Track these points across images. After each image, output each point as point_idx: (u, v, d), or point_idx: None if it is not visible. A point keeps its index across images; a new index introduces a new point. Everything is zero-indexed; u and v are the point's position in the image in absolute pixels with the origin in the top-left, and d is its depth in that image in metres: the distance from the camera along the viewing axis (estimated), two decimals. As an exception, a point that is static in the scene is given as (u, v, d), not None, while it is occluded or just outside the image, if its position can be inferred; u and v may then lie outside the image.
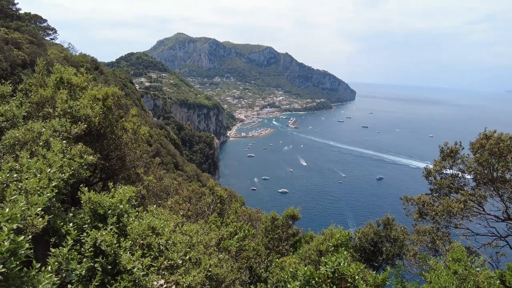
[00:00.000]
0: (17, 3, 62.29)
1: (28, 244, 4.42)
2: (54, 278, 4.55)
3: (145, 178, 15.04)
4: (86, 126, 10.23)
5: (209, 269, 7.79)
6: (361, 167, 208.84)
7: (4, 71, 40.16)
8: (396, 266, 9.27)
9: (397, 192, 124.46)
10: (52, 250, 4.92)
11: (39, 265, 4.47)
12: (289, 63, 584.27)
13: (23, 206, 4.91)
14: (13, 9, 60.72)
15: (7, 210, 4.56)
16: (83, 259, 5.44)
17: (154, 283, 6.22)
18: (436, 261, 9.92)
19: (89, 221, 6.46)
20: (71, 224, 5.99)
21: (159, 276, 6.40)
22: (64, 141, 8.50)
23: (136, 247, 6.57)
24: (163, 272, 6.47)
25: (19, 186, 5.56)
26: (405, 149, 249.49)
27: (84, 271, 5.13)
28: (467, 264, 8.49)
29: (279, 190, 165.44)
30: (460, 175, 17.65)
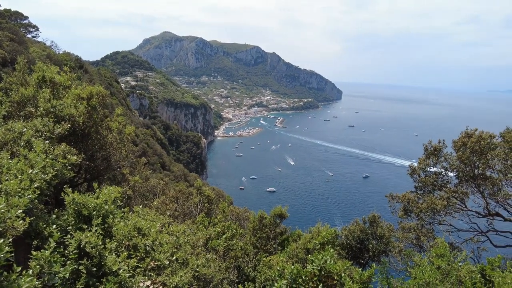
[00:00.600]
0: (-4, -1, 60.46)
1: (8, 247, 4.30)
2: (36, 282, 4.43)
3: (131, 179, 14.84)
4: (70, 126, 10.01)
5: (197, 269, 7.73)
6: (348, 166, 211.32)
7: (-17, 69, 38.94)
8: (382, 263, 9.42)
9: (383, 190, 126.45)
10: (34, 253, 4.79)
11: (19, 269, 4.35)
12: (276, 63, 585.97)
13: (2, 208, 4.77)
14: (-8, 5, 58.91)
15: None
16: (67, 262, 5.32)
17: (141, 284, 6.15)
18: (420, 257, 10.13)
19: (73, 222, 6.33)
20: (54, 226, 5.84)
21: (146, 277, 6.32)
22: (47, 141, 8.30)
23: (122, 248, 6.47)
24: (149, 273, 6.39)
25: (-2, 188, 5.40)
26: (391, 147, 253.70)
27: (68, 274, 5.02)
28: (450, 259, 8.69)
29: (267, 189, 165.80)
30: (444, 172, 18.03)
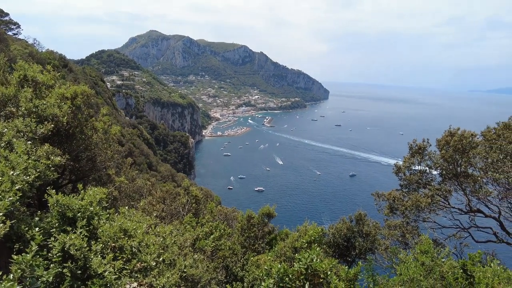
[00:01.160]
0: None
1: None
2: (17, 287, 4.33)
3: (116, 179, 14.64)
4: (53, 126, 9.81)
5: (184, 269, 7.69)
6: (335, 165, 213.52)
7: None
8: (367, 260, 9.58)
9: (369, 188, 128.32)
10: (15, 257, 4.67)
11: (0, 273, 4.24)
12: (264, 62, 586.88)
13: (-18, 212, 4.65)
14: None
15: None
16: (51, 265, 5.22)
17: (127, 286, 6.08)
18: (406, 254, 10.34)
19: (57, 225, 6.20)
20: (37, 229, 5.71)
21: (132, 279, 6.25)
22: (29, 142, 8.11)
23: (108, 250, 6.38)
24: (136, 275, 6.32)
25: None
26: (377, 146, 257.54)
27: (51, 278, 4.91)
28: (434, 255, 8.90)
29: (255, 189, 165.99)
30: (428, 170, 18.38)
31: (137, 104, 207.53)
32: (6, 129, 7.79)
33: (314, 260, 4.93)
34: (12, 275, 4.53)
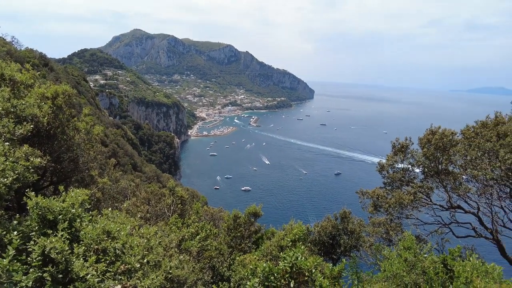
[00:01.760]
0: None
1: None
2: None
3: (99, 180, 14.37)
4: (33, 126, 9.54)
5: (170, 271, 7.62)
6: (321, 163, 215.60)
7: None
8: (351, 257, 9.73)
9: (354, 186, 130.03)
10: (-9, 262, 4.53)
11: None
12: (249, 62, 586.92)
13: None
14: None
15: None
16: (30, 270, 5.08)
17: (111, 289, 5.97)
18: (389, 251, 10.55)
19: (36, 228, 6.04)
20: (15, 233, 5.55)
21: (116, 281, 6.15)
22: (7, 143, 7.87)
23: (90, 253, 6.26)
24: (119, 277, 6.22)
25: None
26: (361, 145, 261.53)
27: (30, 282, 4.78)
28: (417, 251, 9.11)
29: (242, 188, 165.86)
30: (410, 168, 18.77)
31: (121, 104, 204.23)
32: (-18, 130, 7.55)
33: (299, 259, 4.97)
34: (-12, 280, 4.40)
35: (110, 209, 8.13)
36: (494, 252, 16.31)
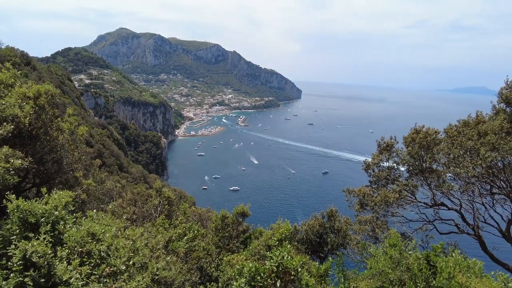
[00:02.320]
0: None
1: None
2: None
3: (84, 182, 14.11)
4: (13, 127, 9.30)
5: (156, 272, 7.55)
6: (308, 163, 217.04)
7: None
8: (338, 255, 9.85)
9: (341, 185, 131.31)
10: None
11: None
12: (237, 61, 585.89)
13: None
14: None
15: None
16: (10, 274, 4.95)
17: (95, 292, 5.88)
18: (375, 248, 10.70)
19: (17, 231, 5.89)
20: (-5, 236, 5.41)
21: (101, 284, 6.05)
22: (-14, 145, 7.65)
23: (74, 256, 6.14)
24: (105, 280, 6.13)
25: None
26: (348, 144, 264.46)
27: (11, 287, 4.67)
28: (402, 248, 9.28)
29: (230, 188, 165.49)
30: (396, 167, 19.08)
31: (107, 104, 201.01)
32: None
33: (285, 258, 5.00)
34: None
35: (95, 210, 8.00)
36: (476, 247, 16.77)
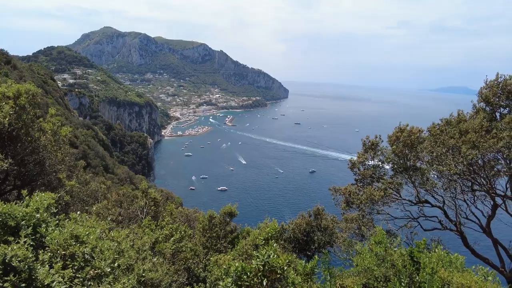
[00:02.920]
0: None
1: None
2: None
3: (67, 183, 13.82)
4: (-8, 128, 9.04)
5: (143, 274, 7.45)
6: (296, 162, 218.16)
7: None
8: (324, 253, 9.97)
9: (328, 183, 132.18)
10: None
11: None
12: (224, 61, 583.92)
13: None
14: None
15: None
16: (-11, 279, 4.81)
17: (79, 295, 5.76)
18: (361, 246, 10.86)
19: (-3, 235, 5.72)
20: (-27, 241, 5.24)
21: (85, 287, 5.94)
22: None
23: (57, 259, 6.01)
24: (89, 283, 6.02)
25: None
26: (335, 143, 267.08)
27: (-10, 292, 4.54)
28: (387, 245, 9.45)
29: (218, 188, 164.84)
30: (380, 165, 19.39)
31: (92, 104, 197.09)
32: None
33: (271, 257, 5.02)
34: None
35: (78, 212, 7.85)
36: (458, 243, 17.22)
